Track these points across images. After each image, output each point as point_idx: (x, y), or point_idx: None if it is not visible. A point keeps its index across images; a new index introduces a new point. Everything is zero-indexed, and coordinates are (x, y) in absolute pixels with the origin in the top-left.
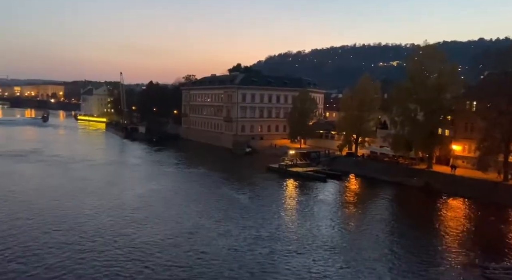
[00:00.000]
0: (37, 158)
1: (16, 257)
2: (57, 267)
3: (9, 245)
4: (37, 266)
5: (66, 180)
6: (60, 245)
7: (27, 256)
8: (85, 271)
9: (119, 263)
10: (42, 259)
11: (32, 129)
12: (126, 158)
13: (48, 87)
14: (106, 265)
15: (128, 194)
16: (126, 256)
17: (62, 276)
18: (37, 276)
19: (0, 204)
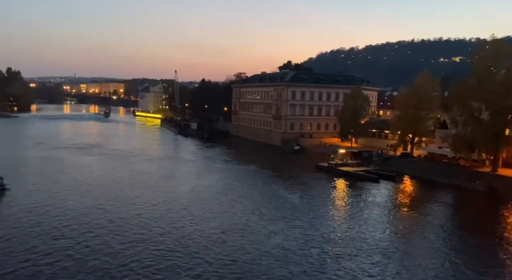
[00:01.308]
0: (100, 151)
1: (88, 241)
2: (121, 253)
3: (82, 231)
4: (107, 252)
5: (126, 173)
6: (123, 234)
7: (97, 242)
8: (145, 259)
9: (175, 254)
10: (108, 245)
11: (95, 124)
12: (180, 153)
13: (110, 85)
14: (163, 255)
15: (182, 188)
16: (182, 247)
17: (128, 263)
18: (107, 261)
19: (72, 194)
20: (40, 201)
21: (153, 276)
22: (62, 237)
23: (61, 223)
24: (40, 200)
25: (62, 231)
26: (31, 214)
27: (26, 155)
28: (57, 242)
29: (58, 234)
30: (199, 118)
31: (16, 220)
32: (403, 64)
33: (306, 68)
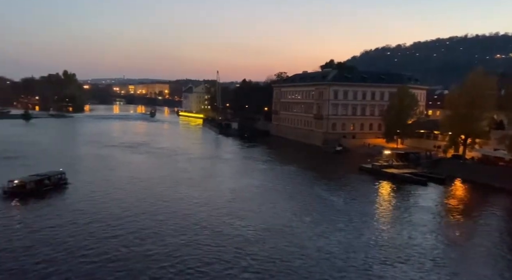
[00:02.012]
0: (146, 150)
1: (141, 237)
2: (167, 247)
3: (134, 225)
4: (157, 245)
5: (170, 171)
6: (169, 228)
7: (148, 235)
8: (189, 255)
9: (217, 252)
10: (161, 239)
11: (142, 124)
12: (221, 153)
13: (156, 86)
14: (205, 251)
15: (223, 187)
16: (224, 245)
17: (179, 256)
18: (155, 254)
19: (123, 190)
20: (96, 195)
21: (196, 270)
22: (116, 229)
23: (115, 216)
24: (97, 195)
25: (116, 224)
26: (89, 206)
27: (81, 152)
28: (112, 235)
29: (112, 226)
30: (240, 118)
31: (78, 210)
32: (455, 61)
33: (349, 67)
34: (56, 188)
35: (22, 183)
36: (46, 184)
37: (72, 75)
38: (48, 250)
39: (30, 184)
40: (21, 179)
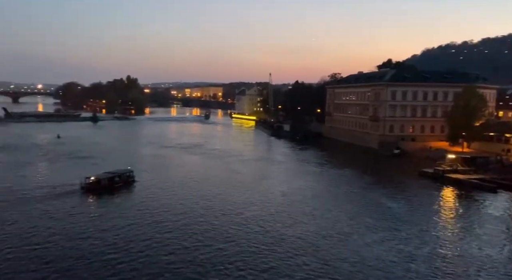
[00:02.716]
0: (201, 151)
1: (197, 235)
2: (222, 249)
3: (191, 223)
4: (213, 247)
5: (224, 172)
6: (224, 229)
7: (203, 235)
8: (242, 257)
9: (269, 254)
10: (213, 239)
11: (197, 125)
12: (273, 155)
13: (210, 89)
14: (258, 254)
15: (275, 189)
16: (276, 249)
17: (232, 258)
18: (209, 253)
19: (182, 189)
20: (160, 192)
21: (250, 273)
22: (176, 225)
23: (176, 212)
24: (160, 192)
25: (175, 220)
26: (154, 201)
27: (142, 152)
28: (172, 231)
29: (174, 221)
30: (292, 120)
31: (145, 205)
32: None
33: (408, 66)
34: (125, 185)
35: (97, 180)
36: (117, 181)
37: (134, 80)
38: (121, 238)
39: (104, 181)
40: (96, 176)
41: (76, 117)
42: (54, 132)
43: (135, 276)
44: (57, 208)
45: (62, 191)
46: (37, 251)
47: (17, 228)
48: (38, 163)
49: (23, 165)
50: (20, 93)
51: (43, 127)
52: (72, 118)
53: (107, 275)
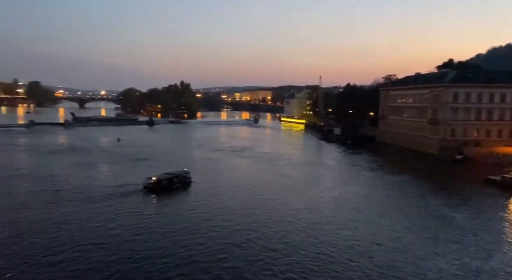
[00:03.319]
0: (250, 154)
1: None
2: (277, 252)
3: (244, 227)
4: (267, 250)
5: (273, 176)
6: (277, 233)
7: (258, 240)
8: (298, 262)
9: (321, 261)
10: (267, 243)
11: (246, 129)
12: (323, 159)
13: (259, 93)
14: (311, 259)
15: (326, 194)
16: (332, 255)
17: (283, 261)
18: (264, 257)
19: (234, 191)
20: (214, 194)
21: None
22: (230, 228)
23: (229, 216)
24: (214, 193)
25: (230, 223)
26: (210, 202)
27: (194, 155)
28: (226, 234)
29: (228, 221)
30: (343, 123)
31: (202, 204)
32: None
33: (472, 66)
34: (183, 186)
35: (158, 180)
36: (175, 181)
37: (187, 85)
38: (183, 233)
39: (164, 181)
40: (157, 177)
41: (134, 121)
42: (115, 135)
43: None
44: (123, 206)
45: (126, 190)
46: (103, 250)
47: (83, 226)
48: (101, 164)
49: (89, 166)
50: (86, 99)
51: (105, 130)
52: (130, 122)
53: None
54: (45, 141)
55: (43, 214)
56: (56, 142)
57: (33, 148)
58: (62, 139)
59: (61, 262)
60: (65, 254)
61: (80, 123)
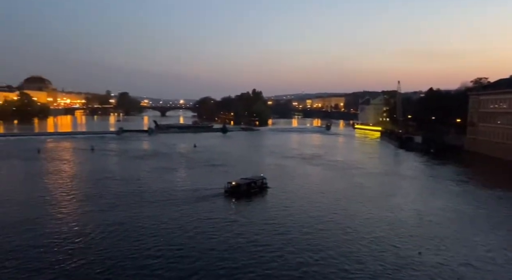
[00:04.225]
0: (321, 162)
1: (329, 248)
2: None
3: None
4: (336, 267)
5: (346, 185)
6: (347, 247)
7: (327, 251)
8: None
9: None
10: (338, 255)
11: (317, 136)
12: (401, 169)
13: (331, 99)
14: (392, 275)
15: (406, 207)
16: (414, 272)
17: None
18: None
19: (307, 199)
20: (290, 200)
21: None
22: (304, 238)
23: (303, 226)
24: (290, 200)
25: (304, 233)
26: (286, 208)
27: (266, 161)
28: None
29: (305, 227)
30: (424, 131)
31: (279, 210)
32: None
33: None
34: (260, 191)
35: (237, 185)
36: (253, 186)
37: (259, 93)
38: (264, 236)
39: (243, 186)
40: (237, 182)
41: (209, 128)
42: (191, 142)
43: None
44: (204, 209)
45: (206, 194)
46: (182, 251)
47: (166, 228)
48: (181, 169)
49: (169, 170)
50: (166, 108)
51: (183, 137)
52: (205, 129)
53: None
54: (132, 147)
55: (129, 215)
56: (141, 147)
57: (122, 153)
58: (146, 145)
59: (144, 267)
60: (148, 258)
61: (161, 130)
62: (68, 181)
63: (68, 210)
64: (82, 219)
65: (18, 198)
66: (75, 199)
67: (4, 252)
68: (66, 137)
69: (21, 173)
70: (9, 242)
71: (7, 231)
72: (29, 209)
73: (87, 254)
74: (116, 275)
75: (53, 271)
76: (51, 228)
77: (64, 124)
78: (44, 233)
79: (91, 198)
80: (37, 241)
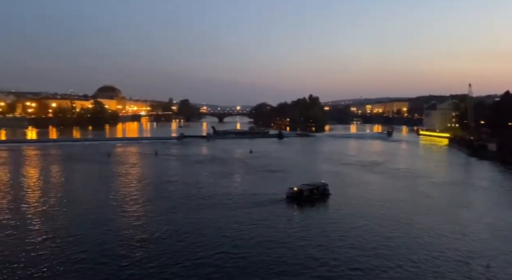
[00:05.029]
0: (382, 170)
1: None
2: None
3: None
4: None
5: (411, 195)
6: (419, 263)
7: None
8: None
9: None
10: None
11: (377, 143)
12: (474, 179)
13: (393, 104)
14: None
15: (480, 221)
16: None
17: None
18: None
19: (369, 208)
20: (352, 208)
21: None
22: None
23: (366, 237)
24: (353, 207)
25: (368, 245)
26: (349, 216)
27: (323, 168)
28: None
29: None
30: (501, 138)
31: (342, 218)
32: None
33: None
34: (322, 197)
35: (300, 190)
36: (315, 193)
37: (315, 99)
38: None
39: (305, 192)
40: (299, 187)
41: (265, 134)
42: (248, 148)
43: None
44: (265, 214)
45: (267, 200)
46: (242, 260)
47: (228, 233)
48: (238, 174)
49: (227, 175)
50: (224, 114)
51: (239, 143)
52: (261, 135)
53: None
54: (191, 152)
55: (190, 218)
56: (200, 152)
57: (182, 158)
58: (204, 150)
59: (199, 265)
60: (205, 258)
61: (219, 136)
62: (134, 184)
63: (134, 211)
64: (146, 221)
65: (92, 198)
66: (141, 201)
67: (85, 247)
68: (133, 142)
69: (94, 175)
70: (87, 238)
71: (86, 229)
72: (101, 209)
73: (150, 254)
74: (174, 275)
75: (121, 267)
76: (120, 228)
77: (131, 130)
78: (114, 232)
79: (155, 200)
80: (108, 239)
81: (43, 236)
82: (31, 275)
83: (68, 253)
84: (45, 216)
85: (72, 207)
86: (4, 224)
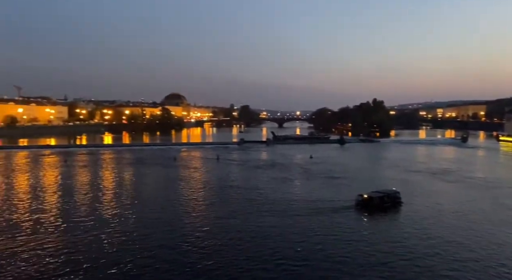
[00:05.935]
0: (455, 178)
1: None
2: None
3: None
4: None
5: (490, 206)
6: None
7: None
8: None
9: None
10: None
11: (450, 149)
12: None
13: (468, 108)
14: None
15: None
16: None
17: None
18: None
19: (446, 219)
20: (425, 223)
21: None
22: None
23: (449, 253)
24: (425, 222)
25: (451, 265)
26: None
27: (388, 175)
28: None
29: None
30: None
31: (414, 229)
32: None
33: None
34: (393, 206)
35: (370, 198)
36: (386, 200)
37: (380, 102)
38: (405, 254)
39: (376, 200)
40: (369, 194)
41: (325, 139)
42: (307, 153)
43: None
44: (336, 222)
45: (333, 206)
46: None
47: (289, 240)
48: (298, 179)
49: (288, 180)
50: (283, 119)
51: (298, 148)
52: (321, 140)
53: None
54: (252, 157)
55: (250, 224)
56: (260, 157)
57: (243, 163)
58: (264, 155)
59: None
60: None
61: (278, 141)
62: (197, 187)
63: (196, 214)
64: (207, 224)
65: (158, 200)
66: (203, 204)
67: (149, 247)
68: (196, 147)
69: (161, 178)
70: (152, 239)
71: (151, 229)
72: (166, 210)
73: (212, 257)
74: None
75: (185, 270)
76: (182, 230)
77: (195, 135)
78: (178, 233)
79: (216, 204)
80: (172, 240)
81: (117, 234)
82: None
83: (136, 252)
84: (119, 216)
85: (142, 208)
86: (82, 223)
